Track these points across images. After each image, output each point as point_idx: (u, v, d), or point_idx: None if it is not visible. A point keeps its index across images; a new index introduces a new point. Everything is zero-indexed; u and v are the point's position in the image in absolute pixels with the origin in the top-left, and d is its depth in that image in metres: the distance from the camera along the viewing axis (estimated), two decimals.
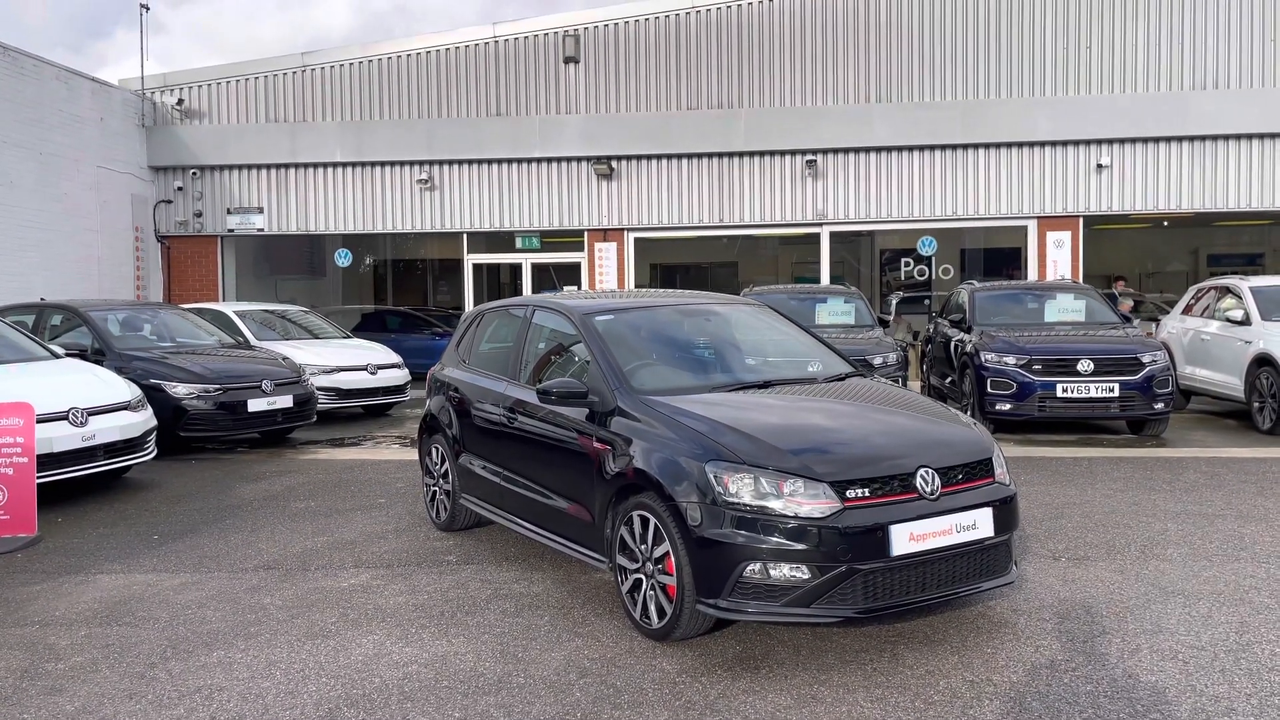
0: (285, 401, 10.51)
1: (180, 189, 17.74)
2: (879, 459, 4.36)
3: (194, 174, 17.67)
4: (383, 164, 17.35)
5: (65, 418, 7.60)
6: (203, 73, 17.93)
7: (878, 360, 10.29)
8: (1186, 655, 4.27)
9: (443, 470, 6.62)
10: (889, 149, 16.42)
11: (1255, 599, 4.99)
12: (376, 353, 13.41)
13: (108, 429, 7.89)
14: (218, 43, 72.70)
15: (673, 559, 4.33)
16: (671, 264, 22.58)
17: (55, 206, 15.46)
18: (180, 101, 17.70)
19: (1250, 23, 15.92)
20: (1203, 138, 15.92)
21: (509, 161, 17.13)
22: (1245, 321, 11.04)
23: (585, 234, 17.20)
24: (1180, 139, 15.96)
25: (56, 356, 8.89)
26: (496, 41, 17.17)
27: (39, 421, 7.02)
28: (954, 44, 16.36)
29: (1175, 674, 4.07)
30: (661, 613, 4.45)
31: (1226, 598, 5.02)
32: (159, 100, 17.76)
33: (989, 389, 10.30)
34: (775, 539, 4.11)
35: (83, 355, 9.74)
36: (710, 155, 16.73)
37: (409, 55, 17.35)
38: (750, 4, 16.66)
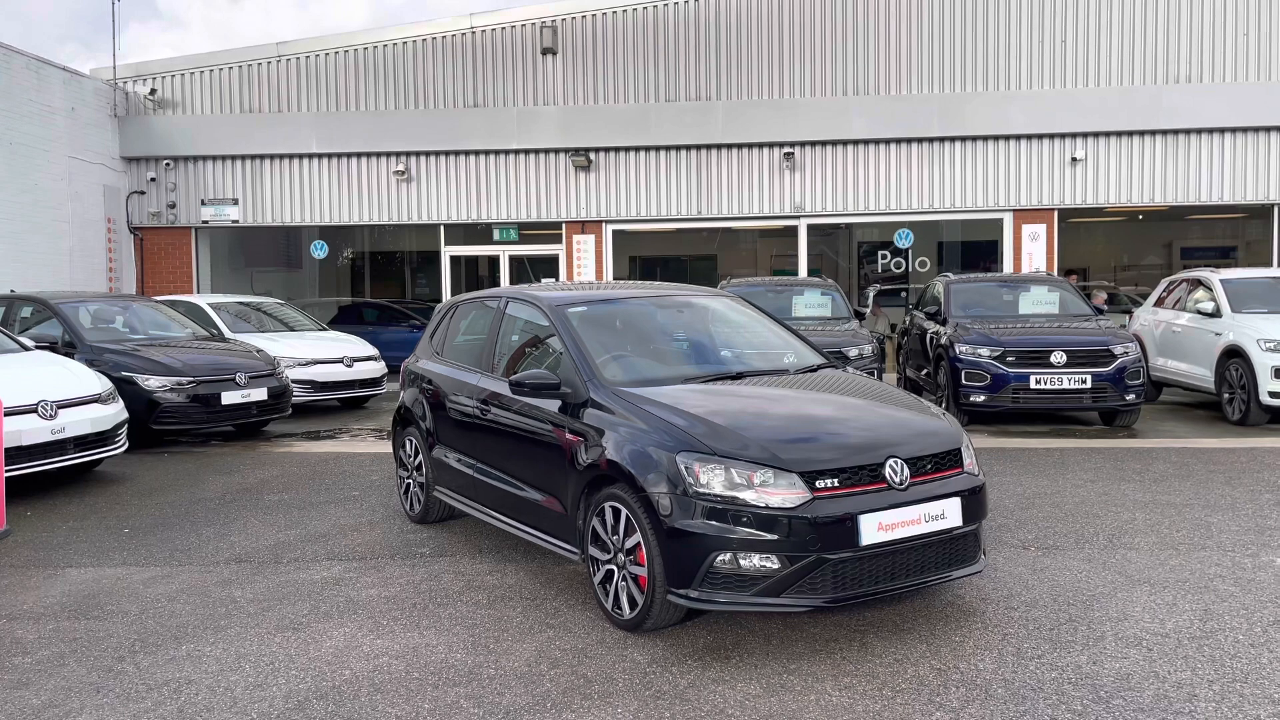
0: (260, 394, 10.43)
1: (153, 180, 17.57)
2: (849, 449, 4.38)
3: (167, 165, 17.50)
4: (359, 155, 17.24)
5: (34, 411, 7.52)
6: (176, 62, 17.74)
7: (853, 352, 10.34)
8: (1151, 642, 4.32)
9: (416, 463, 6.60)
10: (866, 142, 16.47)
11: (1220, 587, 5.06)
12: (352, 345, 13.33)
13: (78, 422, 7.81)
14: (233, 39, 71.87)
15: (644, 550, 4.34)
16: (650, 257, 22.54)
17: (25, 197, 15.27)
18: (153, 91, 17.51)
19: (1223, 17, 16.06)
20: (1176, 131, 16.06)
21: (486, 153, 17.06)
22: (1216, 314, 11.17)
23: (563, 226, 17.16)
24: (1154, 133, 16.10)
25: (26, 349, 8.79)
26: (473, 32, 17.09)
27: (7, 414, 6.93)
28: (930, 37, 16.42)
29: (1139, 660, 4.12)
30: (633, 603, 4.46)
31: (1192, 586, 5.09)
32: (132, 90, 17.56)
33: (963, 380, 10.37)
34: (745, 529, 4.13)
35: (53, 348, 9.63)
36: (688, 147, 16.73)
37: (385, 46, 17.23)
38: None
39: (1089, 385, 10.08)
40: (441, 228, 17.53)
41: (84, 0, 64.66)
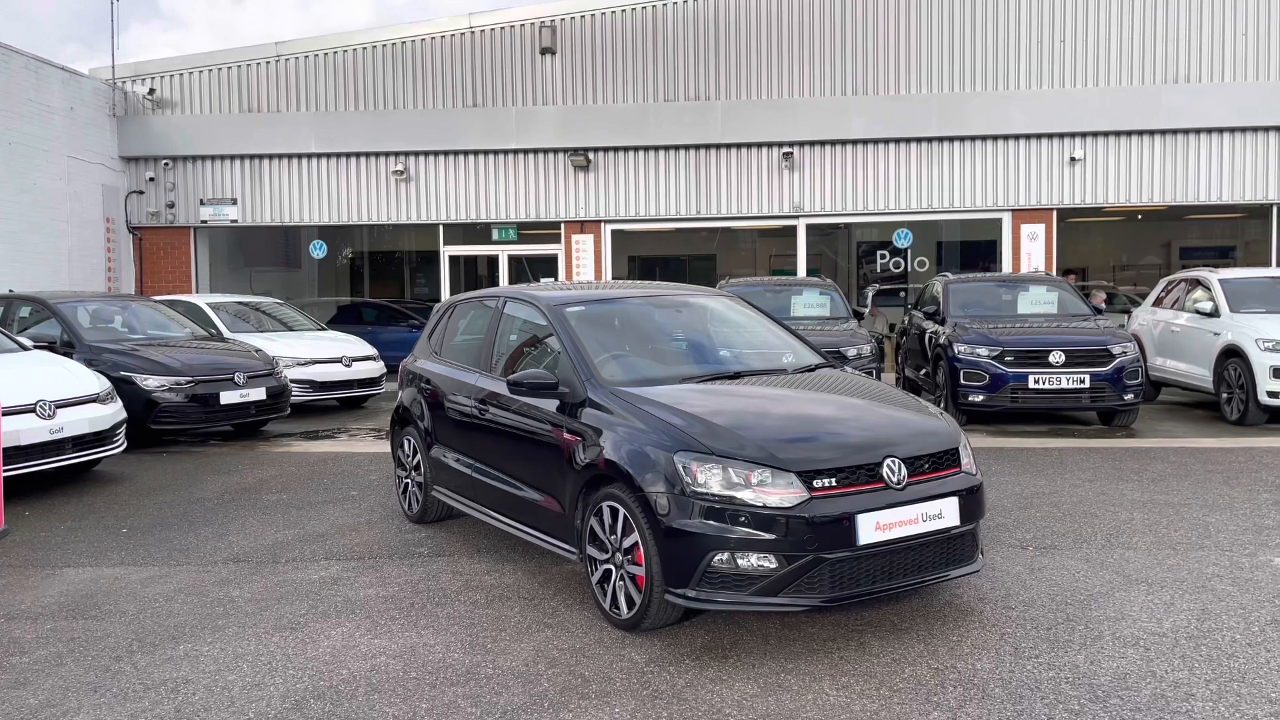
0: (258, 394, 10.42)
1: (152, 179, 17.57)
2: (846, 449, 4.38)
3: (166, 164, 17.50)
4: (358, 155, 17.24)
5: (33, 410, 7.52)
6: (175, 62, 17.74)
7: (852, 352, 10.34)
8: (1148, 642, 4.32)
9: (415, 462, 6.60)
10: (865, 141, 16.48)
11: (1217, 586, 5.06)
12: (351, 345, 13.33)
13: (76, 422, 7.81)
14: (235, 39, 71.82)
15: (642, 549, 4.34)
16: (649, 257, 22.54)
17: (24, 197, 15.27)
18: (152, 91, 17.50)
19: (1220, 17, 16.07)
20: (1175, 131, 16.08)
21: (485, 153, 17.06)
22: (1214, 313, 11.17)
23: (562, 226, 17.17)
24: (1153, 132, 16.11)
25: (24, 349, 8.79)
26: (472, 32, 17.09)
27: (6, 414, 6.94)
28: (929, 38, 16.43)
29: (1136, 660, 4.13)
30: (631, 603, 4.46)
31: (1189, 585, 5.09)
32: (130, 90, 17.56)
33: (962, 380, 10.37)
34: (743, 528, 4.13)
35: (51, 347, 9.63)
36: (687, 147, 16.74)
37: (384, 46, 17.23)
38: None
39: (1087, 385, 10.09)
40: (440, 227, 17.53)
41: (85, 0, 64.64)
